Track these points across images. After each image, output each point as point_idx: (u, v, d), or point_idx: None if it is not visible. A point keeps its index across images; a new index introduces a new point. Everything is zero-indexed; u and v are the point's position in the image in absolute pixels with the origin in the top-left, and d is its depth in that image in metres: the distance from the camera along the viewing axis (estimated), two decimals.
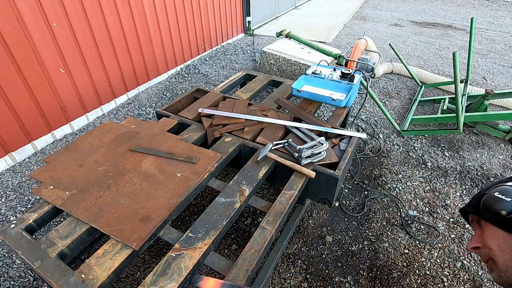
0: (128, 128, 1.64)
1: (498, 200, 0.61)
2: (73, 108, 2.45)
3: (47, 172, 1.34)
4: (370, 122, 2.63)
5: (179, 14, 3.32)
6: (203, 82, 3.31)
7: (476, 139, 2.42)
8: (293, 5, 6.67)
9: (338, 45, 4.45)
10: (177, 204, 1.18)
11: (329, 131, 1.64)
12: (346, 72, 2.00)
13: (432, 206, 1.84)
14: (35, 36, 2.05)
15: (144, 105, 2.85)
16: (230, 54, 4.04)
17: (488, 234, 0.65)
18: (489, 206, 0.63)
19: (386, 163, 2.18)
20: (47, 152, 2.26)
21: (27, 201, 1.87)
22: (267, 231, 1.13)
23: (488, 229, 0.66)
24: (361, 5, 7.22)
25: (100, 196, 1.21)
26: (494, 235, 0.63)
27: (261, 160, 1.43)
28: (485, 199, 0.64)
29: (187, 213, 1.79)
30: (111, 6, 2.54)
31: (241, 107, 1.82)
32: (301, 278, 1.46)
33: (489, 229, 0.65)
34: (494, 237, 0.63)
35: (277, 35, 3.27)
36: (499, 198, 0.61)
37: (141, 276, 1.47)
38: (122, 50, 2.74)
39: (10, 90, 1.99)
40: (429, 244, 1.62)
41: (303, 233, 1.68)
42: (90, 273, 0.96)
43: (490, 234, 0.65)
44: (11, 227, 1.12)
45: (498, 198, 0.61)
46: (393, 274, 1.48)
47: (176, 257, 1.02)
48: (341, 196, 1.91)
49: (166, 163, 1.38)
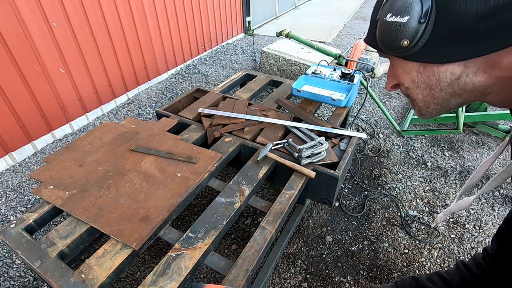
0: (128, 128, 1.64)
1: (393, 27, 0.46)
2: (73, 108, 2.45)
3: (47, 172, 1.34)
4: (370, 122, 2.63)
5: (179, 14, 3.32)
6: (203, 82, 3.31)
7: (476, 139, 2.42)
8: (293, 5, 6.67)
9: (338, 45, 4.45)
10: (177, 204, 1.18)
11: (329, 131, 1.64)
12: (346, 72, 2.00)
13: (432, 206, 1.84)
14: (35, 36, 2.05)
15: (144, 105, 2.85)
16: (230, 54, 4.04)
17: (399, 70, 0.52)
18: (387, 40, 0.48)
19: (386, 163, 2.18)
20: (47, 152, 2.26)
21: (27, 201, 1.87)
22: (267, 231, 1.13)
23: (397, 64, 0.52)
24: (361, 5, 7.22)
25: (100, 196, 1.21)
26: (405, 70, 0.50)
27: (261, 160, 1.43)
28: (379, 30, 0.49)
29: (187, 213, 1.79)
30: (111, 6, 2.54)
31: (241, 107, 1.82)
32: (301, 278, 1.46)
33: (398, 63, 0.51)
34: (406, 72, 0.51)
35: (277, 35, 3.26)
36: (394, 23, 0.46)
37: (141, 276, 1.47)
38: (122, 50, 2.74)
39: (10, 90, 1.99)
40: (429, 244, 1.62)
41: (303, 233, 1.68)
42: (90, 273, 0.96)
43: (401, 70, 0.51)
44: (11, 227, 1.12)
45: (393, 23, 0.46)
46: (393, 274, 1.48)
47: (176, 257, 1.02)
48: (341, 196, 1.91)
49: (166, 163, 1.38)
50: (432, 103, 0.51)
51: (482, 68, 0.44)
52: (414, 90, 0.52)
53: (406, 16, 0.43)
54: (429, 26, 0.43)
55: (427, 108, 0.53)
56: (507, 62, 0.41)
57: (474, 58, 0.43)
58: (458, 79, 0.46)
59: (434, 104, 0.51)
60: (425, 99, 0.51)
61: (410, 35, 0.44)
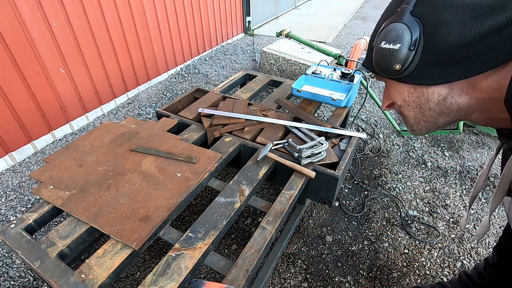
0: (128, 128, 1.64)
1: (387, 53, 0.51)
2: (73, 108, 2.45)
3: (47, 172, 1.34)
4: (370, 122, 2.63)
5: (179, 14, 3.32)
6: (203, 82, 3.31)
7: (476, 139, 2.42)
8: (293, 5, 6.67)
9: (338, 45, 4.45)
10: (177, 204, 1.18)
11: (329, 131, 1.64)
12: (346, 72, 2.00)
13: (432, 206, 1.84)
14: (35, 36, 2.05)
15: (144, 105, 2.85)
16: (230, 54, 4.04)
17: (392, 90, 0.58)
18: (381, 64, 0.54)
19: (386, 163, 2.18)
20: (47, 152, 2.26)
21: (27, 201, 1.87)
22: (267, 231, 1.13)
23: (390, 85, 0.58)
24: (361, 5, 7.22)
25: (100, 196, 1.21)
26: (398, 90, 0.56)
27: (261, 160, 1.43)
28: (375, 55, 0.55)
29: (187, 213, 1.79)
30: (111, 6, 2.54)
31: (241, 107, 1.82)
32: (301, 278, 1.46)
33: (392, 85, 0.58)
34: (398, 93, 0.57)
35: (277, 35, 3.26)
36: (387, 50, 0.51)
37: (141, 276, 1.47)
38: (122, 50, 2.74)
39: (10, 90, 1.99)
40: (429, 244, 1.62)
41: (303, 233, 1.68)
42: (90, 273, 0.96)
43: (394, 90, 0.58)
44: (11, 227, 1.12)
45: (386, 49, 0.51)
46: (393, 274, 1.48)
47: (176, 257, 1.02)
48: (341, 196, 1.91)
49: (166, 163, 1.38)
50: (422, 120, 0.57)
51: (465, 90, 0.49)
52: (406, 108, 0.57)
53: (398, 43, 0.50)
54: (418, 52, 0.49)
55: (417, 125, 0.58)
56: (486, 85, 0.47)
57: (457, 81, 0.49)
58: (445, 100, 0.51)
59: (424, 121, 0.57)
60: (416, 117, 0.57)
61: (401, 60, 0.50)
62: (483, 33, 0.43)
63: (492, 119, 0.51)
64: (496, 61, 0.44)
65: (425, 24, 0.48)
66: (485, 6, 0.43)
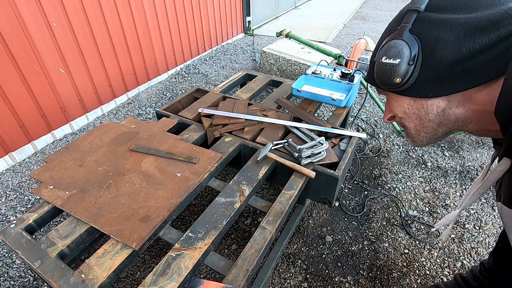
0: (128, 128, 1.64)
1: (388, 67, 0.55)
2: (73, 108, 2.45)
3: (47, 172, 1.34)
4: (370, 122, 2.63)
5: (179, 14, 3.32)
6: (203, 82, 3.31)
7: (476, 139, 2.42)
8: (293, 5, 6.67)
9: (338, 45, 4.45)
10: (177, 204, 1.18)
11: (329, 131, 1.64)
12: (346, 72, 2.00)
13: (432, 206, 1.84)
14: (35, 36, 2.05)
15: (144, 105, 2.85)
16: (230, 54, 4.04)
17: (393, 102, 0.61)
18: (382, 78, 0.57)
19: (386, 163, 2.18)
20: (47, 152, 2.26)
21: (27, 201, 1.87)
22: (267, 231, 1.13)
23: (391, 98, 0.62)
24: (361, 5, 7.22)
25: (100, 196, 1.21)
26: (399, 103, 0.60)
27: (261, 160, 1.43)
28: (376, 70, 0.58)
29: (187, 213, 1.79)
30: (111, 6, 2.54)
31: (241, 107, 1.82)
32: (301, 278, 1.46)
33: (392, 98, 0.61)
34: (399, 105, 0.60)
35: (277, 35, 3.27)
36: (388, 64, 0.54)
37: (141, 276, 1.47)
38: (122, 50, 2.74)
39: (10, 90, 1.99)
40: (429, 244, 1.62)
41: (303, 233, 1.68)
42: (90, 273, 0.96)
43: (395, 103, 0.61)
44: (11, 227, 1.12)
45: (387, 64, 0.55)
46: (393, 274, 1.48)
47: (176, 257, 1.02)
48: (341, 196, 1.91)
49: (166, 163, 1.38)
50: (422, 131, 0.60)
51: (461, 102, 0.52)
52: (406, 120, 0.60)
53: (398, 59, 0.53)
54: (417, 67, 0.52)
55: (418, 136, 0.61)
56: (480, 98, 0.50)
57: (454, 93, 0.52)
58: (443, 111, 0.55)
59: (424, 132, 0.60)
60: (416, 128, 0.60)
61: (401, 74, 0.53)
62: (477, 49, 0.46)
63: (486, 130, 0.54)
64: (488, 76, 0.47)
65: (423, 41, 0.51)
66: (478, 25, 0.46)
